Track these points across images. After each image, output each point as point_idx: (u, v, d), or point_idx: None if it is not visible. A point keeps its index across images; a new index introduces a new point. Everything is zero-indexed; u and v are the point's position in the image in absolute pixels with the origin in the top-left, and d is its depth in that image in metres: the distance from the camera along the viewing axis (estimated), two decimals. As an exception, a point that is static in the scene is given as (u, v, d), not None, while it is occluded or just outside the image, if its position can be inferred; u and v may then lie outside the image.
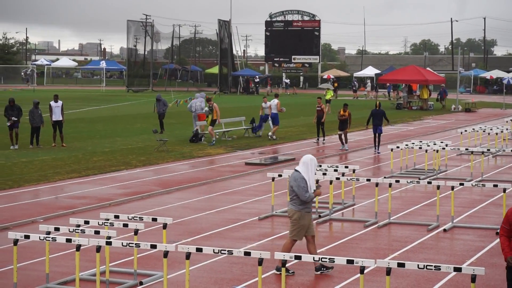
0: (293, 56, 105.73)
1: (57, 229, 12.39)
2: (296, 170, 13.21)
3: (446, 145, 26.08)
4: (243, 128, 38.09)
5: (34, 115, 30.76)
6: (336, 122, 33.62)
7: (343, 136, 32.07)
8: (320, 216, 17.94)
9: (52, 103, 31.59)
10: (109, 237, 11.90)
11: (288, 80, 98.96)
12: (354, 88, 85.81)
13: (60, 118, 31.51)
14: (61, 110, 31.65)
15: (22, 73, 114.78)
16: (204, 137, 35.85)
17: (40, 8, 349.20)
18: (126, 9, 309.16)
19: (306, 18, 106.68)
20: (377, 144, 31.31)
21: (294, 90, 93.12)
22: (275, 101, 36.68)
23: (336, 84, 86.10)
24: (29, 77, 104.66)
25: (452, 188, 17.27)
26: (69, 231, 12.42)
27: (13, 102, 30.70)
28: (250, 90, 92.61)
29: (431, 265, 9.74)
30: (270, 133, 36.10)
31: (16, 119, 30.30)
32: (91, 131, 38.86)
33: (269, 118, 36.60)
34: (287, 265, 11.26)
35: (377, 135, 31.20)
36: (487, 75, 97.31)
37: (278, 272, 12.95)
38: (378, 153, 31.08)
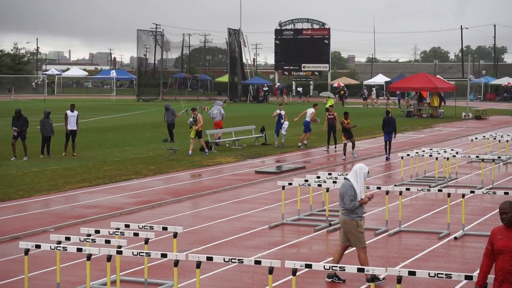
0: (302, 64, 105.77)
1: (68, 238, 12.42)
2: (346, 178, 13.21)
3: (457, 153, 26.02)
4: (253, 137, 38.11)
5: (45, 125, 30.85)
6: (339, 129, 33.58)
7: (347, 145, 31.82)
8: (330, 225, 17.92)
9: (69, 112, 31.74)
10: (119, 246, 11.92)
11: (301, 89, 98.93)
12: (364, 96, 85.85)
13: (75, 128, 31.67)
14: (76, 120, 31.81)
15: (33, 84, 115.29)
16: (219, 144, 35.99)
17: (51, 18, 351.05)
18: (136, 19, 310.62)
19: (315, 26, 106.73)
20: (388, 151, 31.42)
21: (306, 98, 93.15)
22: (311, 110, 36.71)
23: (342, 92, 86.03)
24: (11, 87, 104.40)
25: (463, 195, 17.23)
26: (80, 240, 12.45)
27: (19, 113, 30.56)
28: (259, 99, 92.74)
29: (442, 273, 9.72)
30: (300, 143, 36.30)
31: (17, 129, 30.09)
32: (102, 141, 38.95)
33: (282, 127, 36.42)
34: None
35: (388, 142, 31.39)
36: (504, 81, 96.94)
37: (368, 283, 12.83)
38: (388, 158, 31.18)
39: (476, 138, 32.76)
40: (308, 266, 10.37)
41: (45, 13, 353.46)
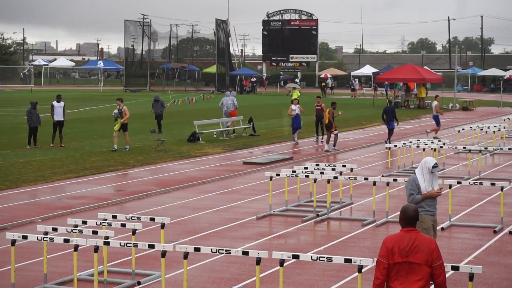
0: (290, 55, 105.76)
1: (55, 229, 12.39)
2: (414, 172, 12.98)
3: (444, 144, 26.09)
4: (241, 127, 38.10)
5: (32, 116, 30.72)
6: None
7: (328, 136, 31.80)
8: (318, 215, 17.95)
9: (55, 103, 31.63)
10: (107, 237, 11.90)
11: (298, 80, 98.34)
12: (352, 87, 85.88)
13: (62, 118, 31.55)
14: (63, 110, 31.70)
15: (21, 74, 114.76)
16: (235, 132, 35.96)
17: (37, 9, 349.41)
18: (123, 9, 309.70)
19: (303, 17, 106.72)
20: (389, 138, 32.48)
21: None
22: (434, 103, 37.07)
23: (323, 84, 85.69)
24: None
25: (450, 186, 17.28)
26: (67, 231, 12.42)
27: None
28: (246, 90, 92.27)
29: (429, 264, 9.72)
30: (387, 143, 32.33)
31: None
32: (89, 131, 38.85)
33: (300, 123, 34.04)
34: (285, 264, 11.23)
35: (390, 130, 32.55)
36: (506, 74, 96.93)
37: None
38: (387, 143, 31.39)
39: (463, 129, 32.86)
40: (296, 257, 10.38)
41: (32, 3, 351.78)
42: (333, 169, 19.62)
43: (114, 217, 13.36)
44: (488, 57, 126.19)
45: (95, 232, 12.08)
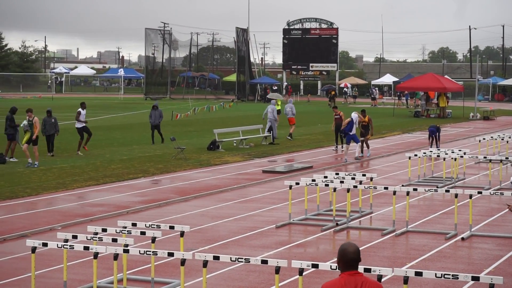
0: (310, 64, 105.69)
1: (74, 236, 12.43)
2: None
3: (464, 153, 25.96)
4: (261, 136, 38.12)
5: (45, 124, 30.51)
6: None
7: (362, 144, 32.02)
8: (337, 224, 17.91)
9: (80, 110, 31.95)
10: (126, 245, 11.93)
11: (349, 89, 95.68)
12: (372, 95, 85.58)
13: (84, 125, 31.87)
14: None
15: (49, 82, 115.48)
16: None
17: (59, 17, 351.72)
18: (144, 17, 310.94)
19: (323, 26, 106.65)
20: (436, 143, 33.72)
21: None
22: None
23: (333, 93, 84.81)
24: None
25: (470, 196, 17.18)
26: (87, 238, 12.45)
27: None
28: (266, 98, 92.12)
29: (449, 274, 9.69)
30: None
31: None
32: (109, 139, 38.99)
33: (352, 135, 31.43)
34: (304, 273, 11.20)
35: (434, 136, 33.87)
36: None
37: None
38: (438, 149, 30.89)
39: (484, 139, 32.66)
40: (315, 266, 10.36)
41: (53, 11, 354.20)
42: (353, 178, 19.57)
43: (134, 225, 13.39)
44: (509, 67, 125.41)
45: (114, 240, 12.11)
